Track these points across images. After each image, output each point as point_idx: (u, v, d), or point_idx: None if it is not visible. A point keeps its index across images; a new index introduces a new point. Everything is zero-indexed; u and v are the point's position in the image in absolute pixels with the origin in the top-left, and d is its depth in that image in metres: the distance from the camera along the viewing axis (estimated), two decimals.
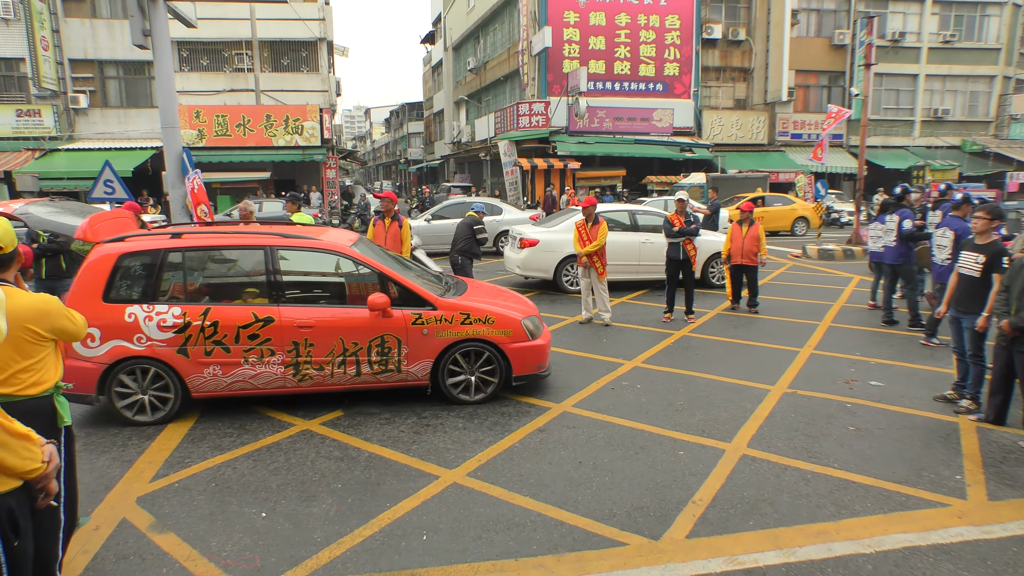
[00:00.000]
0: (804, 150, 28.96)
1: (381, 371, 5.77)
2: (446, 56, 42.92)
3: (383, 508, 4.12)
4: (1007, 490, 4.35)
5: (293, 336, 5.55)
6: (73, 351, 5.28)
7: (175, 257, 5.64)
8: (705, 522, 3.95)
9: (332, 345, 5.62)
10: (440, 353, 5.84)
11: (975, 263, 5.61)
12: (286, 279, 5.82)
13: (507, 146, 26.25)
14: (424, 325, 5.75)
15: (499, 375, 6.01)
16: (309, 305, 5.79)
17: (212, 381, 5.57)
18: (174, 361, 5.48)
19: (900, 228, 8.56)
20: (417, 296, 5.83)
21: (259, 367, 5.58)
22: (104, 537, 3.81)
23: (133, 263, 5.58)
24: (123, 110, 25.92)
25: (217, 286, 5.97)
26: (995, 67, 31.46)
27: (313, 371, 5.68)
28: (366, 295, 5.75)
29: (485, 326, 5.88)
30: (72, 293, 5.43)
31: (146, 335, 5.41)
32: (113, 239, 5.68)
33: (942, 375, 6.67)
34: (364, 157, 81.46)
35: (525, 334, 6.00)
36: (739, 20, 29.29)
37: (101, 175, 10.19)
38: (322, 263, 6.15)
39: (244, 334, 5.50)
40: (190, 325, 5.43)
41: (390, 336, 5.69)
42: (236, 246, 6.06)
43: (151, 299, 5.49)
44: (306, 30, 26.77)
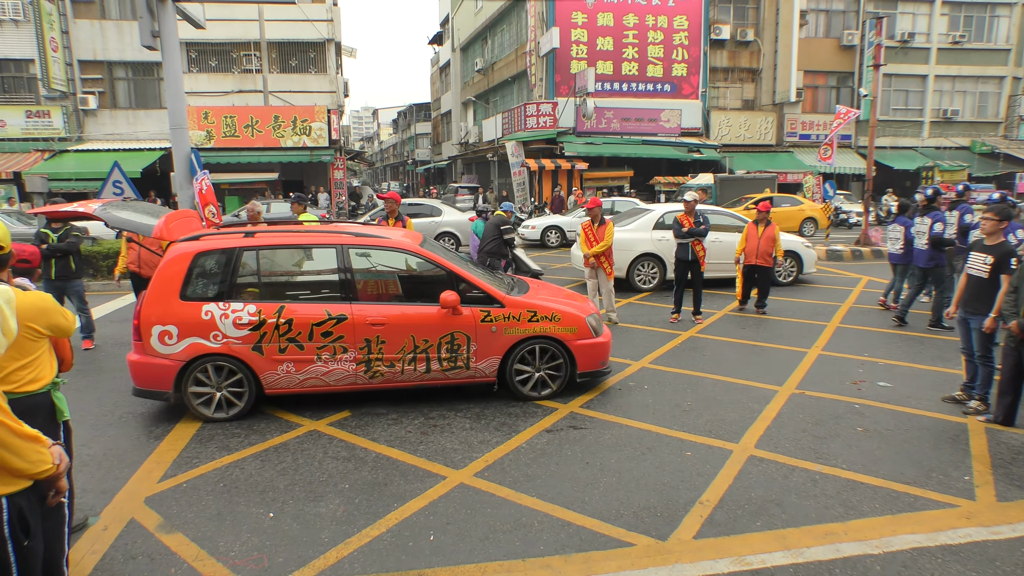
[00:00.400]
0: (812, 151, 28.81)
1: (450, 368, 5.86)
2: (454, 57, 42.98)
3: (390, 508, 4.13)
4: (1016, 491, 4.32)
5: (366, 333, 5.63)
6: (151, 349, 5.43)
7: (249, 256, 5.73)
8: (712, 523, 3.94)
9: (403, 342, 5.71)
10: (508, 350, 5.93)
11: (983, 264, 5.58)
12: (358, 277, 5.89)
13: (514, 147, 26.26)
14: (493, 323, 5.84)
15: (564, 371, 6.10)
16: (381, 303, 5.84)
17: (285, 378, 5.66)
18: (249, 358, 5.56)
19: (932, 231, 8.51)
20: (486, 294, 5.91)
21: (332, 364, 5.66)
22: (113, 537, 3.84)
23: (208, 262, 5.66)
24: (132, 111, 26.09)
25: (290, 284, 6.10)
26: (1005, 68, 31.23)
27: (384, 368, 5.75)
28: (435, 293, 5.81)
29: (552, 323, 5.98)
30: (151, 291, 5.51)
31: (222, 332, 5.49)
32: (188, 238, 5.78)
33: (951, 376, 6.63)
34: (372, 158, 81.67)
35: (589, 331, 6.10)
36: (747, 21, 29.20)
37: (110, 176, 10.27)
38: (392, 261, 6.25)
39: (318, 331, 5.58)
40: (265, 323, 5.52)
41: (460, 333, 5.79)
42: (308, 244, 6.18)
43: (227, 297, 5.57)
44: (314, 31, 26.89)
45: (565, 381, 6.13)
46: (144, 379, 5.54)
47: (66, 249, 7.64)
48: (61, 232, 7.70)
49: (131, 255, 8.20)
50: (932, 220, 8.55)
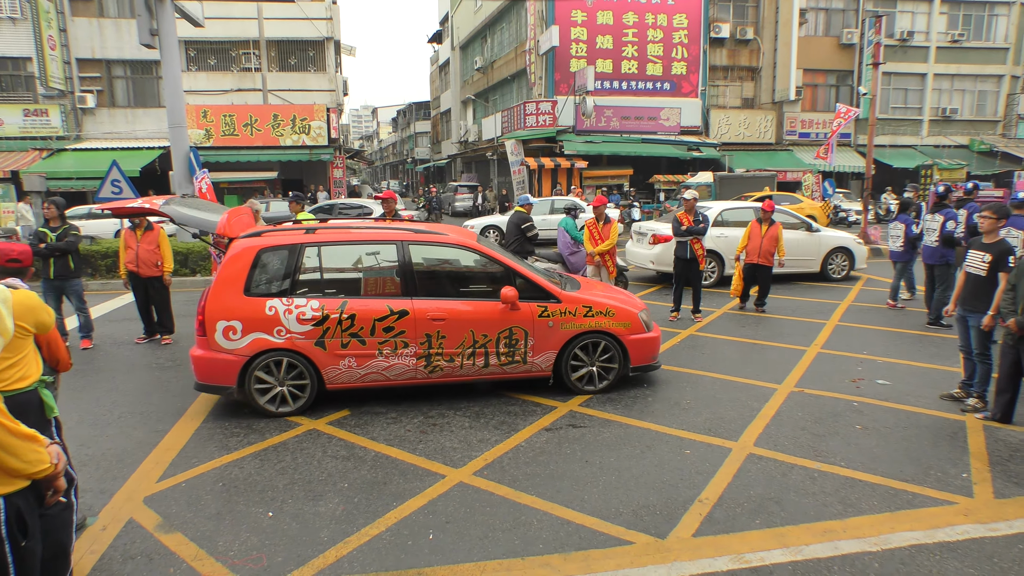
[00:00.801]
0: (812, 149, 28.79)
1: (508, 362, 5.96)
2: (453, 55, 42.96)
3: (390, 507, 4.14)
4: (1013, 488, 4.33)
5: (426, 328, 5.72)
6: (215, 344, 5.49)
7: (311, 252, 5.82)
8: (711, 521, 3.94)
9: (463, 337, 5.79)
10: (564, 345, 6.04)
11: (981, 262, 5.59)
12: (418, 273, 5.95)
13: (514, 145, 26.24)
14: (550, 317, 5.95)
15: (617, 365, 6.20)
16: (441, 298, 5.90)
17: (346, 373, 5.72)
18: (312, 353, 5.61)
19: (943, 229, 8.50)
20: (543, 290, 6.02)
21: (392, 359, 5.73)
22: (111, 537, 3.83)
23: (271, 258, 5.73)
24: (130, 110, 26.07)
25: (351, 280, 6.18)
26: (1003, 67, 31.24)
27: (444, 363, 5.84)
28: (493, 289, 5.99)
29: (606, 318, 6.09)
30: (216, 286, 5.56)
31: (286, 328, 5.54)
32: (250, 234, 5.84)
33: (949, 374, 6.64)
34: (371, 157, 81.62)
35: (642, 326, 6.23)
36: (747, 19, 29.19)
37: (108, 175, 10.27)
38: (451, 257, 6.41)
39: (380, 327, 5.65)
40: (328, 318, 5.57)
41: (518, 328, 5.89)
42: (369, 241, 6.23)
43: (290, 292, 5.63)
44: (313, 29, 26.87)
45: (618, 375, 6.24)
46: (207, 374, 5.59)
47: (64, 248, 7.63)
48: (60, 231, 7.68)
49: (129, 254, 8.20)
50: (945, 218, 8.53)
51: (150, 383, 6.78)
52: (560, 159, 26.11)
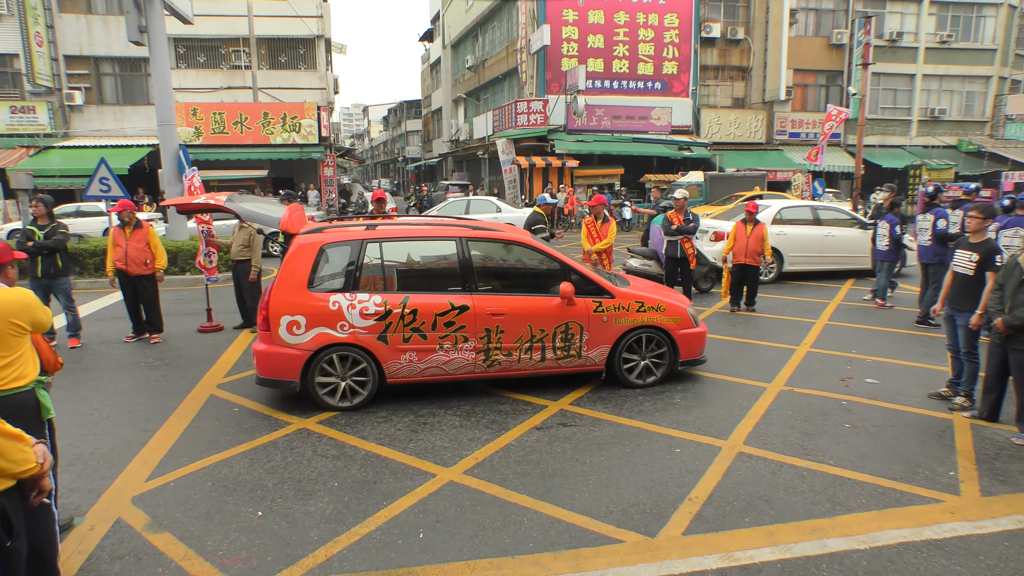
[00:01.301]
0: (802, 149, 28.94)
1: (563, 356, 6.08)
2: (444, 54, 42.86)
3: (380, 506, 4.12)
4: (999, 486, 4.38)
5: (486, 323, 5.81)
6: (279, 339, 5.55)
7: (373, 247, 5.87)
8: (701, 519, 3.96)
9: (521, 332, 5.91)
10: (618, 339, 6.17)
11: (969, 261, 5.64)
12: (477, 268, 6.03)
13: (505, 144, 26.23)
14: (604, 313, 6.08)
15: (668, 360, 6.36)
16: (500, 293, 6.00)
17: (407, 367, 5.79)
18: (374, 348, 5.68)
19: (935, 228, 8.57)
20: (597, 285, 6.17)
21: (452, 353, 5.82)
22: (99, 537, 3.80)
23: (334, 253, 5.79)
24: (119, 107, 25.83)
25: (412, 275, 6.23)
26: (991, 67, 31.52)
27: (502, 357, 5.94)
28: (548, 285, 6.15)
29: (658, 313, 6.25)
30: (279, 282, 5.62)
31: (349, 322, 5.60)
32: (311, 230, 5.89)
33: (937, 372, 6.70)
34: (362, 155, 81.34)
35: (691, 321, 6.41)
36: (738, 19, 29.29)
37: (97, 173, 10.17)
38: (509, 254, 6.49)
39: (441, 321, 5.73)
40: (391, 313, 5.64)
41: (574, 323, 6.01)
42: (429, 237, 6.30)
43: (352, 288, 5.69)
44: (304, 27, 26.72)
45: (668, 370, 6.39)
46: (271, 368, 5.65)
47: (52, 246, 7.56)
48: (47, 229, 7.61)
49: (117, 252, 8.12)
50: (935, 217, 8.62)
51: (138, 382, 6.72)
52: (551, 158, 26.11)
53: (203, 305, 9.24)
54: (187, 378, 6.78)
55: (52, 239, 7.56)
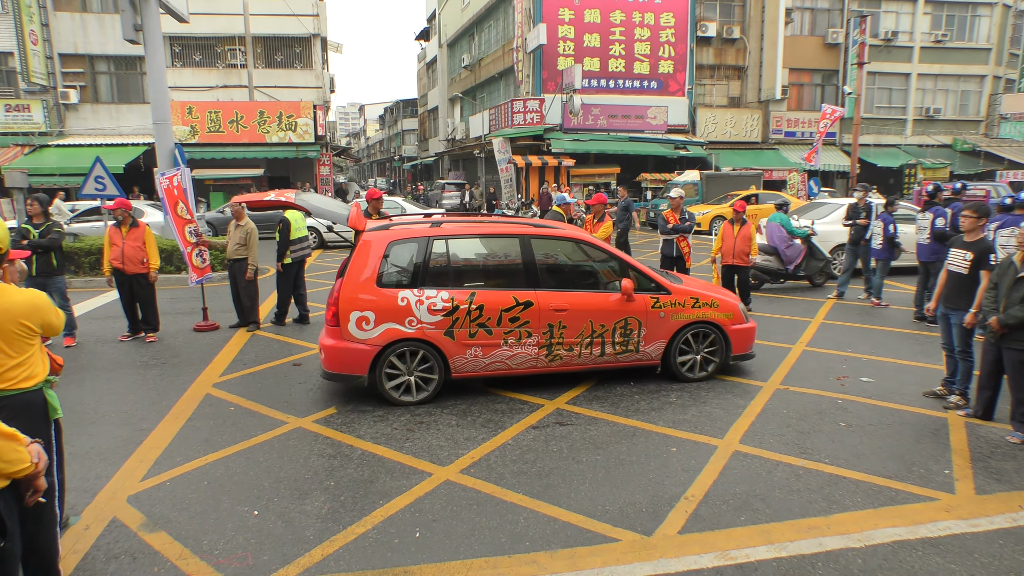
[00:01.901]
0: (798, 148, 29.06)
1: (622, 351, 6.23)
2: (441, 53, 42.82)
3: (376, 505, 4.12)
4: (994, 484, 4.39)
5: (549, 319, 5.94)
6: (348, 334, 5.64)
7: (439, 244, 5.95)
8: (697, 518, 3.96)
9: (582, 327, 6.04)
10: (674, 334, 6.33)
11: (963, 260, 5.66)
12: (539, 265, 6.14)
13: (501, 143, 26.22)
14: (661, 308, 6.25)
15: (720, 355, 6.50)
16: (562, 289, 6.12)
17: (472, 362, 5.90)
18: (441, 343, 5.78)
19: (934, 226, 8.61)
20: (655, 282, 6.33)
21: (516, 348, 5.94)
22: (94, 536, 3.79)
23: (402, 250, 5.88)
24: (114, 105, 25.76)
25: (476, 271, 6.28)
26: (986, 67, 31.65)
27: (564, 352, 6.07)
28: (607, 281, 6.31)
29: (711, 309, 6.40)
30: (348, 277, 5.69)
31: (417, 318, 5.70)
32: (378, 227, 5.97)
33: (932, 371, 6.72)
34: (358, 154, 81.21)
35: (743, 317, 6.54)
36: (734, 18, 29.34)
37: (92, 171, 10.14)
38: (569, 251, 6.55)
39: (506, 317, 5.84)
40: (458, 308, 5.75)
41: (632, 319, 6.16)
42: (493, 234, 6.41)
43: (420, 284, 5.78)
44: (300, 26, 26.67)
45: (720, 364, 6.53)
46: (339, 363, 5.72)
47: (47, 245, 7.53)
48: (42, 228, 7.58)
49: (114, 251, 8.10)
50: (934, 215, 8.67)
51: (134, 381, 6.70)
52: (548, 157, 26.12)
53: (199, 304, 9.22)
54: (183, 377, 6.76)
55: (47, 238, 7.54)
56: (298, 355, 7.57)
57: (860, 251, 10.34)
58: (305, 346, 7.97)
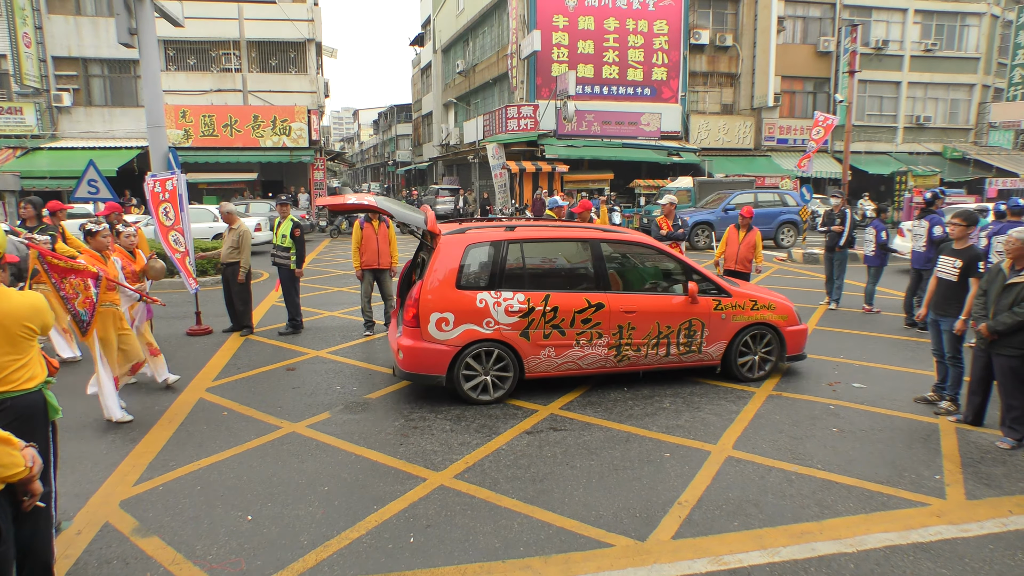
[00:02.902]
0: (790, 155, 29.24)
1: (685, 352, 6.46)
2: (435, 58, 42.90)
3: (370, 510, 4.12)
4: (984, 489, 4.43)
5: (619, 320, 6.13)
6: (428, 335, 5.78)
7: (513, 248, 6.10)
8: (691, 523, 3.98)
9: (650, 328, 6.26)
10: (734, 336, 6.55)
11: (952, 267, 5.72)
12: (609, 268, 6.37)
13: (496, 149, 26.28)
14: (723, 311, 6.47)
15: (776, 355, 6.75)
16: (631, 292, 6.37)
17: (545, 362, 6.07)
18: (517, 343, 5.95)
19: (931, 234, 8.69)
20: (716, 285, 6.58)
21: (587, 349, 6.12)
22: (87, 541, 3.77)
23: (479, 253, 6.02)
24: (108, 109, 25.66)
25: (550, 274, 6.46)
26: (975, 76, 32.00)
27: (631, 352, 6.27)
28: (672, 284, 6.57)
29: (769, 311, 6.66)
30: (429, 280, 5.81)
31: (494, 319, 5.85)
32: (454, 231, 6.10)
33: (923, 377, 6.77)
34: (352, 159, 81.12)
35: (796, 319, 6.80)
36: (726, 26, 29.56)
37: (85, 174, 10.11)
38: (636, 255, 6.81)
39: (579, 318, 6.03)
40: (534, 310, 5.93)
41: (696, 320, 6.39)
42: (564, 238, 6.58)
43: (497, 286, 5.93)
44: (294, 31, 26.67)
45: (775, 364, 6.80)
46: (418, 364, 5.84)
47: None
48: (36, 232, 7.54)
49: None
50: (931, 223, 8.75)
51: (126, 386, 6.65)
52: (541, 163, 26.19)
53: (192, 308, 9.18)
54: (176, 382, 6.73)
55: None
56: (291, 360, 7.55)
57: (836, 257, 10.42)
58: (298, 351, 7.95)
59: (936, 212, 9.08)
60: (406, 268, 7.05)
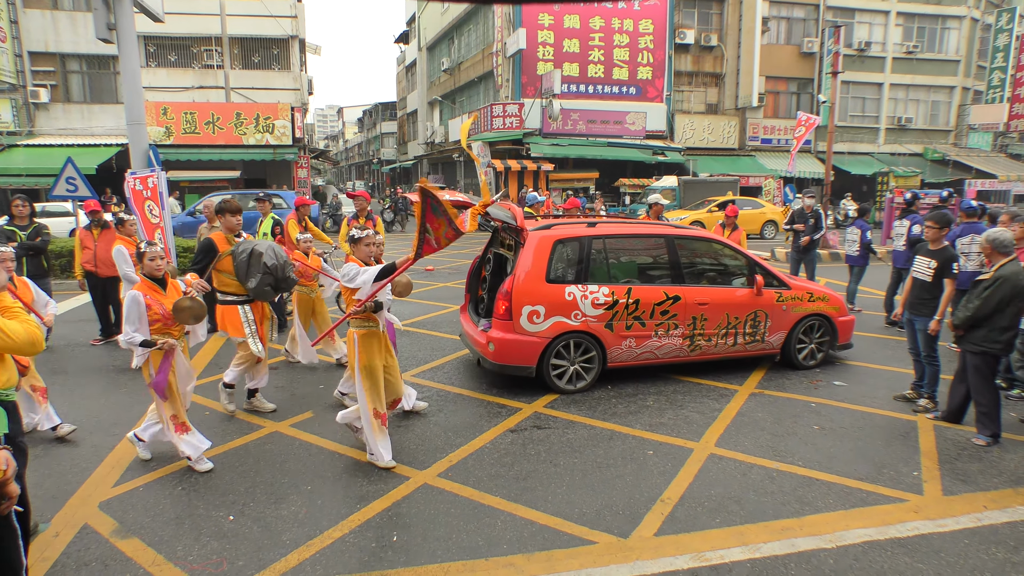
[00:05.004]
0: (774, 155, 29.52)
1: (750, 342, 6.82)
2: (420, 56, 42.74)
3: (353, 509, 4.10)
4: (960, 485, 4.51)
5: (693, 312, 6.48)
6: (520, 328, 6.00)
7: (597, 243, 6.40)
8: (673, 520, 4.01)
9: (720, 319, 6.61)
10: (793, 326, 6.95)
11: (927, 268, 5.81)
12: (683, 263, 6.67)
13: (481, 147, 26.24)
14: (784, 302, 6.87)
15: (828, 344, 7.15)
16: (703, 285, 6.70)
17: (626, 352, 6.38)
18: (602, 334, 6.24)
19: (910, 233, 8.88)
20: (777, 278, 6.94)
21: (664, 339, 6.46)
22: (64, 544, 3.72)
23: (566, 249, 6.27)
24: (86, 105, 25.25)
25: (630, 268, 6.71)
26: (955, 78, 32.46)
27: (703, 342, 6.62)
28: (738, 277, 6.91)
29: (823, 303, 7.06)
30: (520, 274, 6.00)
31: (581, 312, 6.13)
32: (541, 227, 6.30)
33: (902, 375, 6.87)
34: (336, 157, 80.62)
35: (846, 309, 7.25)
36: (711, 26, 29.73)
37: (63, 172, 9.95)
38: (707, 250, 7.09)
39: (658, 310, 6.36)
40: (618, 303, 6.22)
41: (761, 312, 6.77)
42: (642, 234, 6.84)
43: (583, 280, 6.20)
44: (278, 27, 26.43)
45: (827, 353, 7.19)
46: (510, 355, 6.06)
47: (39, 247, 7.43)
48: (30, 231, 7.47)
49: (86, 255, 7.95)
50: (911, 223, 8.92)
51: (107, 386, 6.58)
52: (527, 161, 26.20)
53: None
54: None
55: (38, 239, 7.43)
56: (273, 360, 7.50)
57: (804, 259, 10.53)
58: (281, 350, 7.89)
59: (917, 212, 9.24)
60: (475, 264, 7.26)
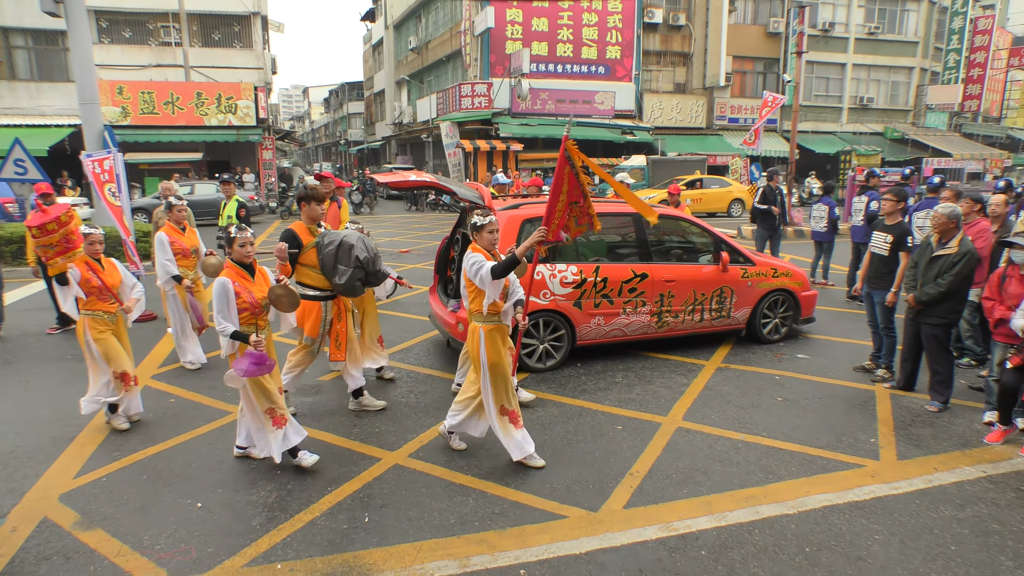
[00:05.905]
0: (741, 134, 29.79)
1: (716, 317, 6.95)
2: (387, 35, 41.95)
3: (324, 492, 4.09)
4: (913, 449, 4.69)
5: (660, 289, 6.56)
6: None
7: None
8: (642, 492, 4.09)
9: (687, 296, 6.70)
10: (758, 301, 7.09)
11: (884, 243, 5.97)
12: (651, 241, 6.72)
13: (449, 127, 25.98)
14: (749, 278, 6.99)
15: (793, 318, 7.38)
16: (670, 262, 6.78)
17: (595, 330, 6.42)
18: (570, 313, 6.27)
19: (868, 209, 9.18)
20: (743, 255, 7.06)
21: (632, 316, 6.52)
22: (23, 538, 3.63)
23: (533, 228, 6.06)
24: (34, 83, 24.24)
25: (598, 247, 6.69)
26: (913, 59, 33.15)
27: (671, 319, 6.72)
28: (702, 254, 6.99)
29: (787, 279, 7.23)
30: None
31: (550, 290, 6.15)
32: (509, 207, 6.32)
33: (861, 347, 7.07)
34: (303, 138, 79.05)
35: (808, 285, 7.45)
36: (679, 5, 29.76)
37: (10, 154, 9.56)
38: (674, 228, 7.14)
39: (625, 288, 6.40)
40: (586, 281, 6.25)
41: (727, 288, 6.88)
42: (610, 213, 6.65)
43: (551, 259, 6.22)
44: (238, 3, 25.65)
45: (790, 327, 7.40)
46: None
47: None
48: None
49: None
50: (869, 199, 9.24)
51: (65, 376, 6.41)
52: (496, 142, 26.06)
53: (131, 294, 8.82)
54: None
55: None
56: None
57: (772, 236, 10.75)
58: None
59: (874, 189, 9.54)
60: (443, 244, 7.17)
